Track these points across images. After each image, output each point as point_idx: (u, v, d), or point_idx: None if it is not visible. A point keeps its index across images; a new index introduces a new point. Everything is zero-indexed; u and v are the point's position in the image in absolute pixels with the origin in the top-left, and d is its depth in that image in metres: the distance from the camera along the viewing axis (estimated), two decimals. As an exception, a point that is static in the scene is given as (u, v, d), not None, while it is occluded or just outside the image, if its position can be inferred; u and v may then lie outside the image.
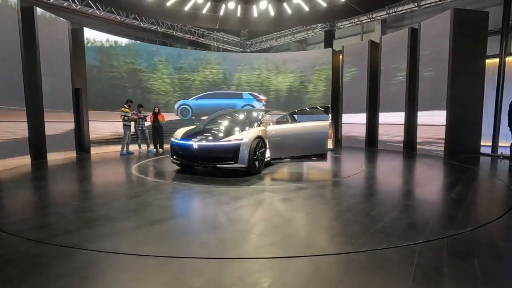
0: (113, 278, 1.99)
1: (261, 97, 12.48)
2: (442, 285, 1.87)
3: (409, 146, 9.16)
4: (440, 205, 3.80)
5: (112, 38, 9.81)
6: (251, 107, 12.07)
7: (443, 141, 7.95)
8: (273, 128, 5.45)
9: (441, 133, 8.00)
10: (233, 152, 5.19)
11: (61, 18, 8.09)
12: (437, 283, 1.89)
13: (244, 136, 5.28)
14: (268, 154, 5.70)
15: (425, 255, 2.25)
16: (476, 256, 2.27)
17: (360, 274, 2.01)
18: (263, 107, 12.17)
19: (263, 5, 10.27)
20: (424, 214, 3.39)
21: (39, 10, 7.35)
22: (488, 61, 8.56)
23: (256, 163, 5.42)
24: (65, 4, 10.91)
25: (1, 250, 2.41)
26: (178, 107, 11.81)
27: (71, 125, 8.30)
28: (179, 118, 11.70)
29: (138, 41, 11.26)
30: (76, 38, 8.73)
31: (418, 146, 8.80)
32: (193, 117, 11.78)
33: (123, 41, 10.17)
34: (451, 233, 2.71)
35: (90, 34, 9.20)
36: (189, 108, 11.90)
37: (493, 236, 2.74)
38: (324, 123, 5.28)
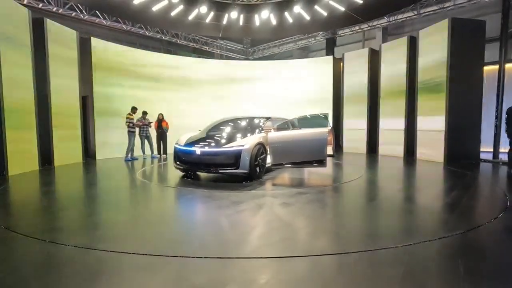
0: (120, 276, 2.13)
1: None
2: (427, 283, 1.99)
3: (410, 152, 9.24)
4: (434, 209, 3.90)
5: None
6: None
7: (443, 147, 8.03)
8: (273, 135, 5.60)
9: (441, 139, 8.08)
10: (234, 158, 5.34)
11: (69, 28, 8.38)
12: (422, 281, 2.01)
13: (245, 143, 5.44)
14: (269, 160, 5.85)
15: (414, 256, 2.37)
16: (462, 256, 2.38)
17: (352, 273, 2.14)
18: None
19: (264, 14, 10.51)
20: (418, 218, 3.50)
21: (49, 22, 7.64)
22: (487, 68, 8.67)
23: (257, 168, 5.56)
24: (73, 14, 11.26)
25: (18, 251, 2.58)
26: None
27: (78, 131, 8.54)
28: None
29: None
30: (84, 46, 9.02)
31: (418, 152, 8.88)
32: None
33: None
34: (442, 235, 2.82)
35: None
36: None
37: (481, 239, 2.85)
38: (323, 130, 5.42)
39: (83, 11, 11.37)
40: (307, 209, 3.79)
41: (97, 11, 11.51)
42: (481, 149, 8.44)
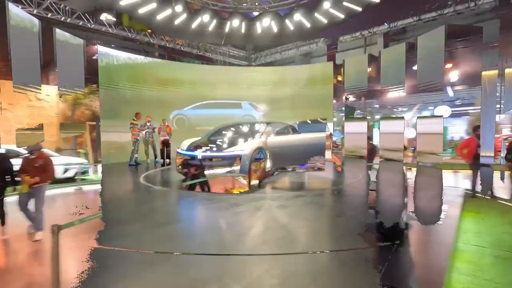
0: (123, 271, 2.30)
1: (260, 107, 12.62)
2: (406, 277, 2.13)
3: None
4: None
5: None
6: (251, 118, 12.27)
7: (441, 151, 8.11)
8: (273, 140, 5.76)
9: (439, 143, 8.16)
10: (234, 162, 5.50)
11: (77, 38, 8.69)
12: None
13: (245, 147, 5.59)
14: (268, 164, 5.99)
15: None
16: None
17: (340, 269, 2.29)
18: (261, 118, 12.38)
19: (266, 22, 10.78)
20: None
21: (57, 31, 7.93)
22: (485, 73, 8.75)
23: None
24: (80, 23, 11.63)
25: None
26: (173, 117, 11.53)
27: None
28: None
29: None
30: (91, 55, 9.31)
31: (417, 154, 8.95)
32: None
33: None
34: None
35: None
36: (185, 118, 11.76)
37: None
38: (322, 135, 5.57)
39: (90, 20, 11.74)
40: (303, 210, 3.94)
41: (103, 20, 11.88)
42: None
